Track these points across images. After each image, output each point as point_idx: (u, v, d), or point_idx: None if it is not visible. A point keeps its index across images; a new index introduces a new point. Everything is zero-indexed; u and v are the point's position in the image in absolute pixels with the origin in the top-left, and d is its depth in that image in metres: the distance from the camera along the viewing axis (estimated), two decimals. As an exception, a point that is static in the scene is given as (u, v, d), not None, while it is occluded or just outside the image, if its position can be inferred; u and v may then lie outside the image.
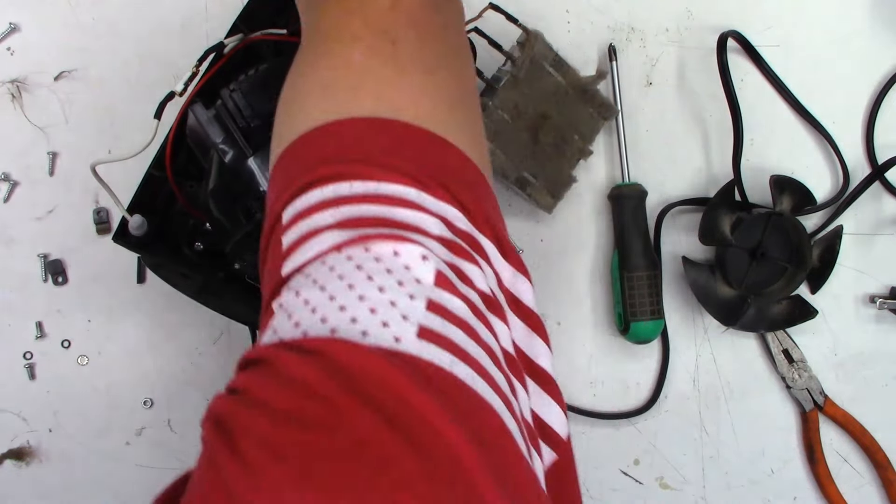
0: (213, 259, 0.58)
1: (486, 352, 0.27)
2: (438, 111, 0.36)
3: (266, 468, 0.21)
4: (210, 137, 0.50)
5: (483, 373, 0.26)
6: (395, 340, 0.25)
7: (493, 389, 0.26)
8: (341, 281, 0.27)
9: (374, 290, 0.26)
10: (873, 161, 0.69)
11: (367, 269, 0.27)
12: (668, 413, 0.68)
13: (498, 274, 0.33)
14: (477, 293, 0.30)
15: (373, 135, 0.33)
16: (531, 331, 0.33)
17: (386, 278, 0.27)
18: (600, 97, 0.63)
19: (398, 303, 0.26)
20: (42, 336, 0.65)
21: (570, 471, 0.32)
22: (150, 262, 0.58)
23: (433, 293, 0.27)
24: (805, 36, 0.70)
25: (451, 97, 0.37)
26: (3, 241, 0.65)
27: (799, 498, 0.69)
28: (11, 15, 0.65)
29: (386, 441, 0.22)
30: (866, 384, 0.70)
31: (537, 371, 0.32)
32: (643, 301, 0.64)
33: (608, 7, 0.69)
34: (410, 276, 0.27)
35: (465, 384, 0.25)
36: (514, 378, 0.29)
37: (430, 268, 0.28)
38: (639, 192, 0.66)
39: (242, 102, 0.49)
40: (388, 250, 0.28)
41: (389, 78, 0.35)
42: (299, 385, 0.23)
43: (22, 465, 0.65)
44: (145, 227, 0.54)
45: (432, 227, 0.30)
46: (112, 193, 0.55)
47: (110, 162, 0.52)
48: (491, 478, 0.22)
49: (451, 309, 0.27)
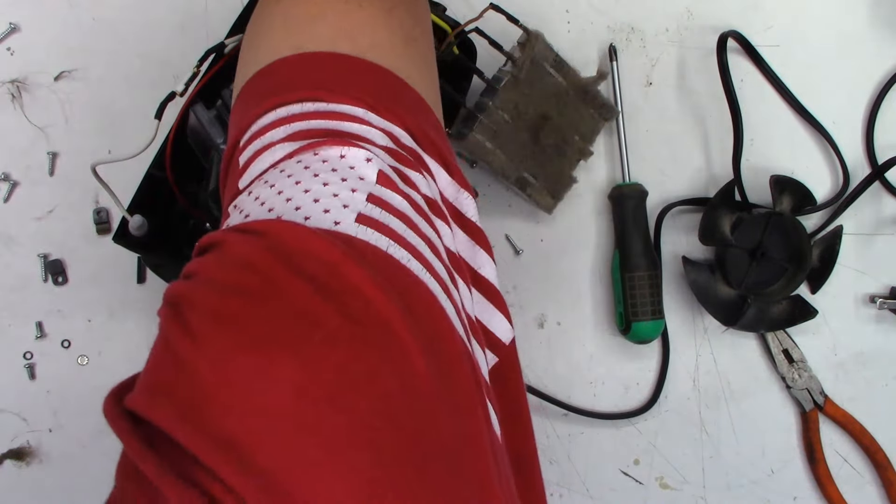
0: None
1: (426, 242, 0.29)
2: (394, 45, 0.38)
3: (209, 335, 0.23)
4: (211, 138, 0.50)
5: (421, 258, 0.28)
6: (334, 224, 0.27)
7: (430, 273, 0.27)
8: (289, 179, 0.29)
9: (319, 185, 0.28)
10: (873, 161, 0.69)
11: (313, 168, 0.29)
12: (668, 413, 0.68)
13: (442, 190, 0.34)
14: (420, 195, 0.31)
15: (326, 66, 0.35)
16: (474, 243, 0.35)
17: (331, 175, 0.29)
18: (601, 98, 0.63)
19: (340, 195, 0.28)
20: (42, 336, 0.65)
21: (514, 372, 0.33)
22: (150, 263, 0.57)
23: (375, 189, 0.29)
24: (805, 36, 0.70)
25: (407, 34, 0.39)
26: (3, 241, 0.65)
27: (799, 498, 0.70)
28: (11, 15, 0.65)
29: (318, 306, 0.23)
30: (866, 384, 0.70)
31: (480, 280, 0.34)
32: (644, 301, 0.64)
33: (608, 7, 0.69)
34: (354, 174, 0.29)
35: (400, 263, 0.27)
36: (456, 275, 0.31)
37: (373, 167, 0.30)
38: (639, 192, 0.66)
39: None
40: (335, 153, 0.30)
41: (349, 11, 0.37)
42: (242, 261, 0.25)
43: (22, 465, 0.65)
44: (146, 228, 0.54)
45: (378, 139, 0.32)
46: (112, 194, 0.55)
47: (111, 162, 0.52)
48: (419, 344, 0.24)
49: (392, 203, 0.29)
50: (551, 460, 0.68)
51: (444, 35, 0.57)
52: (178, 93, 0.53)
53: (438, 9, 0.59)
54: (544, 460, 0.68)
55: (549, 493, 0.68)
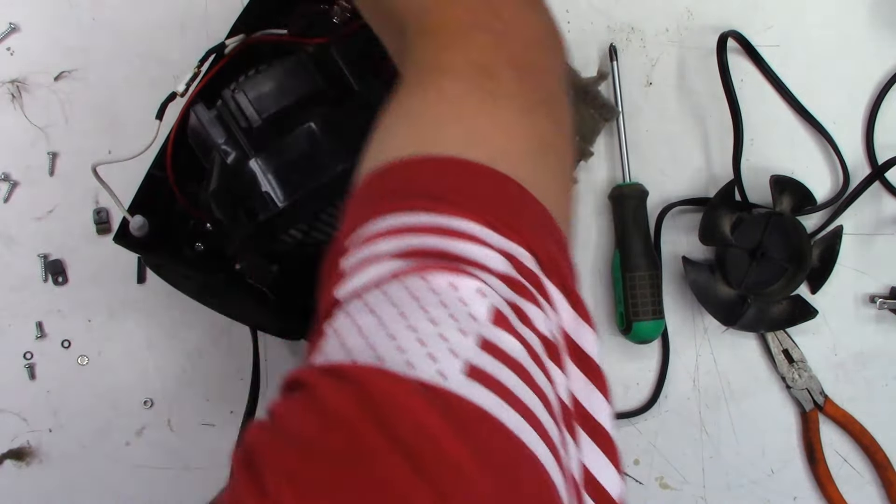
0: (214, 260, 0.58)
1: (540, 398, 0.26)
2: (527, 153, 0.35)
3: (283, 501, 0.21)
4: (212, 138, 0.50)
5: (533, 420, 0.25)
6: (440, 376, 0.24)
7: (542, 439, 0.25)
8: (394, 308, 0.27)
9: (426, 322, 0.26)
10: (873, 161, 0.69)
11: (421, 299, 0.27)
12: (668, 413, 0.68)
13: (561, 320, 0.32)
14: (537, 336, 0.29)
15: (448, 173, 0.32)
16: (591, 383, 0.32)
17: (440, 310, 0.26)
18: (601, 98, 0.63)
19: (449, 337, 0.25)
20: (42, 336, 0.65)
21: None
22: (150, 263, 0.57)
23: (487, 330, 0.26)
24: (805, 36, 0.70)
25: (543, 140, 0.36)
26: (3, 241, 0.65)
27: (799, 498, 0.70)
28: (11, 15, 0.65)
29: (411, 486, 0.21)
30: (866, 384, 0.70)
31: (594, 427, 0.31)
32: (645, 301, 0.65)
33: (608, 7, 0.69)
34: (465, 311, 0.27)
35: (510, 432, 0.24)
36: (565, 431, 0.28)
37: (486, 304, 0.27)
38: (639, 192, 0.66)
39: (245, 102, 0.49)
40: (444, 282, 0.27)
41: (484, 112, 0.34)
42: (330, 415, 0.23)
43: (22, 465, 0.65)
44: (146, 228, 0.54)
45: (496, 263, 0.29)
46: (113, 194, 0.55)
47: (111, 163, 0.52)
48: None
49: (506, 349, 0.26)
50: (551, 460, 0.68)
51: None
52: (179, 93, 0.53)
53: None
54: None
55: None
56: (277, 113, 0.48)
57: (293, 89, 0.49)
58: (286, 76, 0.49)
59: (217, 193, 0.51)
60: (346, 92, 0.51)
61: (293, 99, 0.49)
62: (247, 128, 0.49)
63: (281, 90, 0.49)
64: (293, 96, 0.49)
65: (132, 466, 0.66)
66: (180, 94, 0.53)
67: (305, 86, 0.49)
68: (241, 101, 0.49)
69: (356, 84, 0.51)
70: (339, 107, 0.50)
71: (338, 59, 0.51)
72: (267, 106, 0.48)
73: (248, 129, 0.49)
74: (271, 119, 0.48)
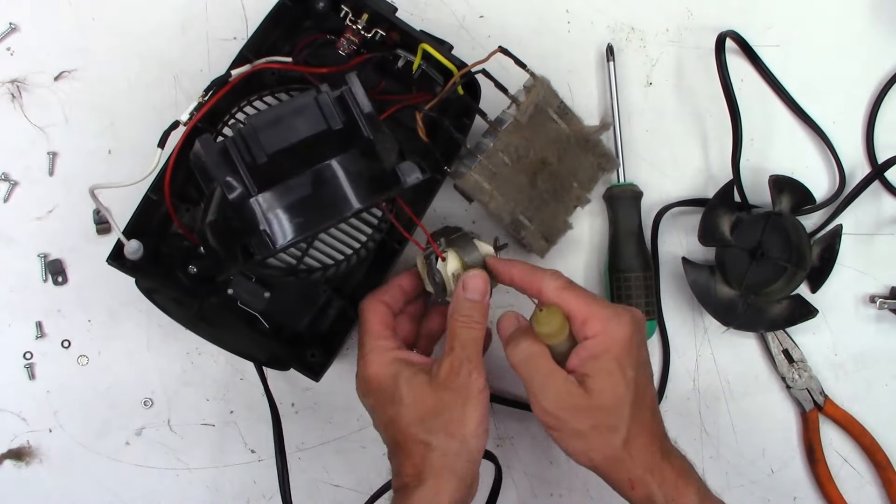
0: (206, 284, 0.58)
1: None
2: None
3: None
4: (215, 171, 0.48)
5: None
6: None
7: None
8: None
9: None
10: (873, 160, 0.69)
11: None
12: (668, 413, 0.68)
13: None
14: None
15: None
16: None
17: None
18: (602, 147, 0.63)
19: None
20: (42, 336, 0.65)
21: None
22: (143, 287, 0.57)
23: None
24: (805, 36, 0.70)
25: None
26: (3, 241, 0.65)
27: (799, 498, 0.70)
28: (11, 15, 0.65)
29: None
30: (866, 384, 0.70)
31: None
32: (639, 302, 0.65)
33: (608, 7, 0.69)
34: None
35: None
36: None
37: None
38: (632, 193, 0.66)
39: (252, 137, 0.48)
40: None
41: None
42: None
43: (22, 465, 0.65)
44: (141, 252, 0.54)
45: None
46: (110, 216, 0.55)
47: (110, 188, 0.53)
48: None
49: None
50: (551, 460, 0.68)
51: (449, 75, 0.57)
52: (182, 122, 0.54)
53: (444, 47, 0.59)
54: (544, 460, 0.68)
55: (549, 493, 0.68)
56: (284, 151, 0.47)
57: (302, 128, 0.48)
58: (296, 114, 0.48)
59: (215, 225, 0.50)
60: (354, 137, 0.50)
61: (301, 138, 0.48)
62: (251, 163, 0.48)
63: (289, 128, 0.48)
64: (301, 135, 0.48)
65: (132, 466, 0.66)
66: (184, 124, 0.54)
67: (315, 126, 0.48)
68: (249, 136, 0.48)
69: (367, 131, 0.50)
70: (346, 151, 0.49)
71: (351, 105, 0.50)
72: (274, 143, 0.47)
73: (252, 165, 0.48)
74: (277, 156, 0.47)
